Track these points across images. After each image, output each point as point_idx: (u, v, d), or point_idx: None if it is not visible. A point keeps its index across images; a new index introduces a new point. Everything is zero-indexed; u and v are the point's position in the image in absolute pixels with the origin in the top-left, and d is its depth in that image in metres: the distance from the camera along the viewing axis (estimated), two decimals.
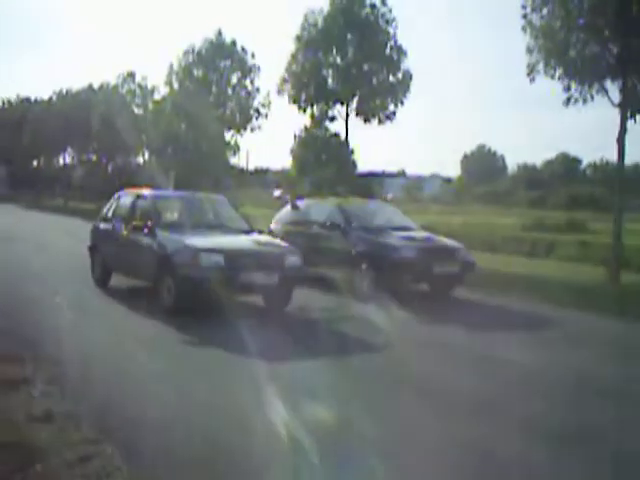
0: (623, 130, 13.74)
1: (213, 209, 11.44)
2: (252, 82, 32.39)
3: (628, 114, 13.64)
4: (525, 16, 14.13)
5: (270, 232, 11.98)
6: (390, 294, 10.44)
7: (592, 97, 13.92)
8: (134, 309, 9.65)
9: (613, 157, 14.53)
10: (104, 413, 5.21)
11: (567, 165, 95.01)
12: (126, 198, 11.66)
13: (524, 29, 14.09)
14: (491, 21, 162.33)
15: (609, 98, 13.81)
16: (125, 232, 10.68)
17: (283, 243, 10.28)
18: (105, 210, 12.20)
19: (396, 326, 8.76)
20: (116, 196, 12.11)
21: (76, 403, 5.32)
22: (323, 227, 12.68)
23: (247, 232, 10.45)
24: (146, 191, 11.36)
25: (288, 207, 14.40)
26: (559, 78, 13.84)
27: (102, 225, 12.04)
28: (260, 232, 10.91)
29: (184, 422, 5.07)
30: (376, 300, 10.23)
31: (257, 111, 31.90)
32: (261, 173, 78.53)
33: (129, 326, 8.76)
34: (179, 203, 11.43)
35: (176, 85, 32.82)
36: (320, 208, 13.53)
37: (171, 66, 32.89)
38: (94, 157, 51.25)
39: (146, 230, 10.00)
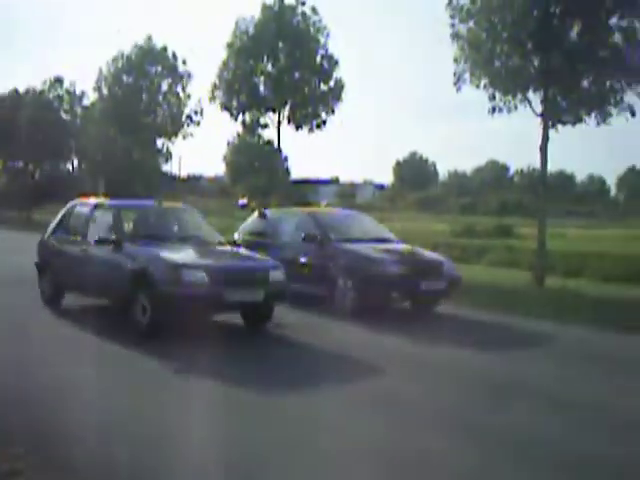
0: (545, 139, 14.23)
1: (182, 220, 10.65)
2: (184, 89, 32.18)
3: (550, 123, 14.15)
4: (453, 26, 14.49)
5: (234, 242, 10.77)
6: (374, 311, 10.12)
7: (516, 107, 14.38)
8: (95, 331, 8.56)
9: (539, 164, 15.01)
10: (36, 430, 5.09)
11: (496, 172, 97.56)
12: (81, 208, 10.51)
13: (452, 39, 14.45)
14: (422, 30, 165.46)
15: (532, 108, 14.29)
16: (84, 246, 9.62)
17: (264, 257, 9.45)
18: (55, 222, 10.93)
19: (385, 347, 8.32)
20: (68, 206, 10.92)
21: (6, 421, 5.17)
22: (296, 239, 11.66)
23: (221, 244, 9.74)
24: (107, 200, 10.46)
25: (254, 216, 13.37)
26: (484, 88, 14.24)
27: (52, 239, 10.78)
28: (233, 244, 10.18)
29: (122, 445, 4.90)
30: (360, 318, 9.79)
31: (189, 118, 31.69)
32: (194, 180, 77.81)
33: (89, 349, 7.86)
34: (145, 214, 10.41)
35: (105, 91, 32.29)
36: (291, 218, 12.57)
37: (100, 71, 32.37)
38: (20, 163, 49.77)
39: (112, 244, 9.00)
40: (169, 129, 31.57)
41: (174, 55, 32.09)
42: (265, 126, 22.17)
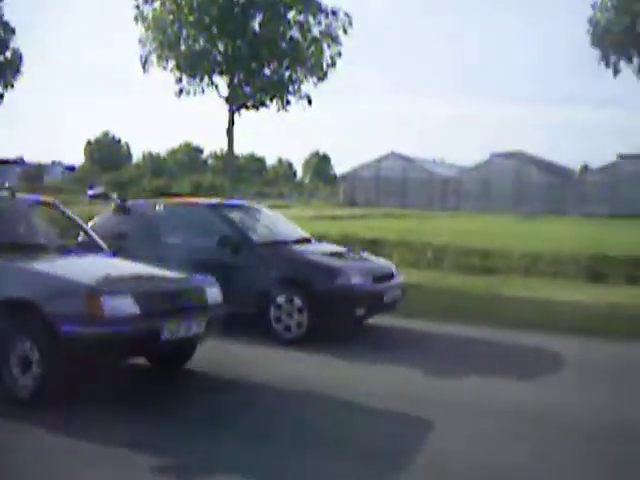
0: (231, 122, 14.79)
1: (48, 219, 7.10)
2: None
3: (235, 107, 14.75)
4: (138, 7, 14.31)
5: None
6: (326, 334, 7.63)
7: (203, 90, 14.71)
8: None
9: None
10: None
11: (190, 154, 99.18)
12: None
13: (136, 20, 14.27)
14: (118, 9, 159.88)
15: (218, 92, 14.74)
16: None
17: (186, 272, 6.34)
18: None
19: (354, 380, 5.87)
20: None
21: None
22: (194, 242, 8.57)
23: (114, 254, 6.42)
24: None
25: (107, 213, 9.33)
26: (171, 70, 14.33)
27: None
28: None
29: None
30: (305, 344, 7.31)
31: None
32: None
33: None
34: None
35: None
36: (178, 214, 9.05)
37: None
38: None
39: None
40: None
41: None
42: None
